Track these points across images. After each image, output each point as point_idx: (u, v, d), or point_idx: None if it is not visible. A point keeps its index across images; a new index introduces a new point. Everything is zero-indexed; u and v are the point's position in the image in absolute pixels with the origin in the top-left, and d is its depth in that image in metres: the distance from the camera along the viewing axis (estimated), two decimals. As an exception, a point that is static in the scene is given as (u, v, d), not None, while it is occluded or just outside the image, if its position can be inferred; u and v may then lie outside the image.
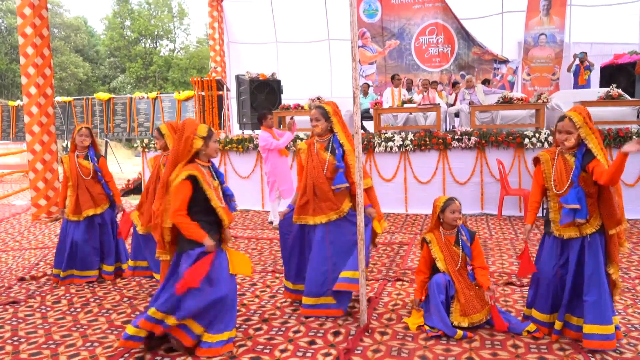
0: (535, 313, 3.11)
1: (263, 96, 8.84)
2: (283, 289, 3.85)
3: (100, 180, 4.42)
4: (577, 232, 2.90)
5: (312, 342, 3.08)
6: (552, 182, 2.95)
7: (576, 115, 2.87)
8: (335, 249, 3.44)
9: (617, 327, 2.87)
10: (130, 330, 2.86)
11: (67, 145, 15.56)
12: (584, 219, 2.83)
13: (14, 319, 3.60)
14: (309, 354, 2.92)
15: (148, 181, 4.01)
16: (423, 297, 3.34)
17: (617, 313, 2.95)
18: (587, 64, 9.85)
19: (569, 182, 2.88)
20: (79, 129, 4.38)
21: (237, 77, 9.45)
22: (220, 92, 9.38)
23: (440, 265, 3.26)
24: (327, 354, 2.91)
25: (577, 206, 2.80)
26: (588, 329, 2.80)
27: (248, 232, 6.45)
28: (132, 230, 4.09)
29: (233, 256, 3.07)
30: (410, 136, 7.24)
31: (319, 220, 3.45)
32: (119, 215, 4.43)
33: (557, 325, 2.97)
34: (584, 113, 2.88)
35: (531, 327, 3.08)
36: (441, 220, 3.35)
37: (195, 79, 9.25)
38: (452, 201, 3.31)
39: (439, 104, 8.05)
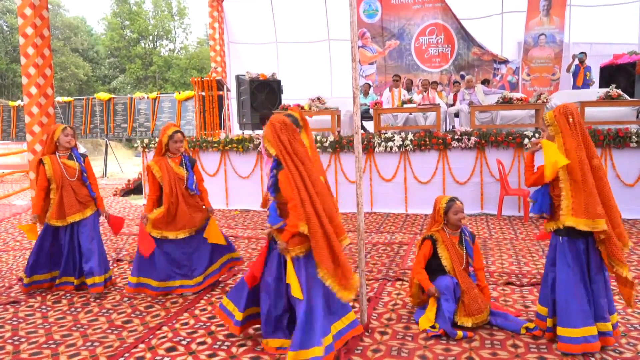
0: (537, 306, 3.14)
1: (263, 96, 8.84)
2: None
3: (86, 182, 4.13)
4: (550, 226, 2.95)
5: (312, 342, 3.08)
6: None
7: (548, 113, 2.88)
8: None
9: (611, 330, 2.87)
10: None
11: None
12: (537, 214, 2.93)
13: (14, 319, 3.61)
14: (309, 354, 2.92)
15: (167, 184, 3.89)
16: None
17: (608, 317, 2.89)
18: (588, 65, 9.84)
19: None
20: (64, 128, 4.06)
21: (237, 77, 9.46)
22: (221, 92, 9.39)
23: (446, 263, 3.26)
24: (327, 354, 2.92)
25: (532, 201, 2.99)
26: (558, 330, 2.84)
27: (248, 232, 6.45)
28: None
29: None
30: (410, 136, 7.25)
31: None
32: (101, 218, 4.25)
33: (549, 322, 2.98)
34: (560, 111, 2.82)
35: (530, 324, 3.09)
36: (446, 221, 3.36)
37: (195, 79, 9.25)
38: (453, 202, 3.31)
39: (438, 104, 8.06)
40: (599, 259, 2.84)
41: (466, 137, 7.01)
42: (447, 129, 8.76)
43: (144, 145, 8.61)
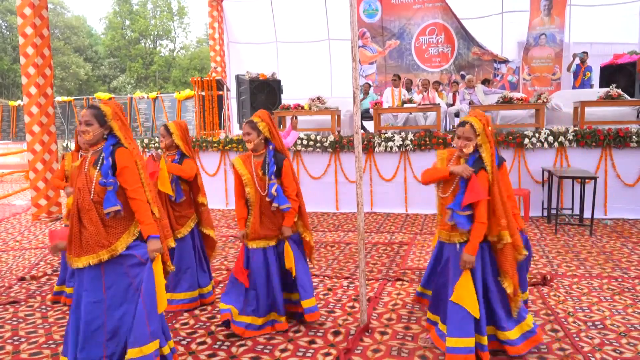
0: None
1: (263, 96, 8.83)
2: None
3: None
4: (447, 236, 2.86)
5: (312, 342, 3.09)
6: (439, 185, 2.91)
7: (477, 121, 2.78)
8: None
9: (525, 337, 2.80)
10: None
11: (67, 145, 15.53)
12: (467, 229, 2.74)
13: (14, 319, 3.61)
14: (309, 354, 2.93)
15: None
16: None
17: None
18: (589, 65, 9.82)
19: (453, 188, 2.80)
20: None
21: (237, 77, 9.45)
22: (220, 92, 9.38)
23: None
24: (327, 354, 2.92)
25: (468, 212, 2.72)
26: (449, 342, 2.68)
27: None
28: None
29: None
30: (410, 136, 7.24)
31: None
32: None
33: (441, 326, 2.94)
34: (484, 120, 2.80)
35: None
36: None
37: (195, 78, 9.24)
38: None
39: (439, 104, 8.06)
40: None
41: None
42: (447, 129, 8.75)
43: (144, 145, 8.60)
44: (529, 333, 2.81)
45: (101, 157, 2.53)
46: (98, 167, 2.51)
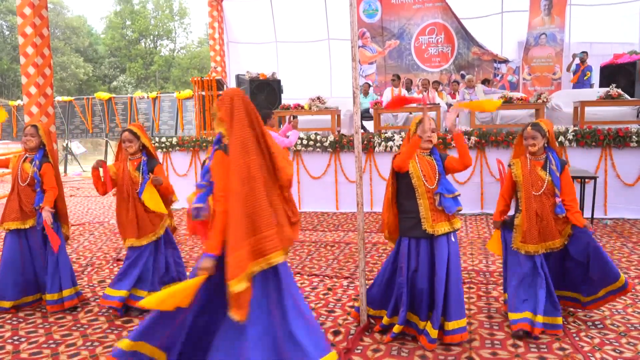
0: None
1: (263, 96, 8.83)
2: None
3: (36, 190, 3.67)
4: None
5: (312, 342, 3.08)
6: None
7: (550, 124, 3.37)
8: None
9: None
10: None
11: (67, 144, 15.53)
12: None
13: (14, 319, 3.61)
14: (308, 354, 2.92)
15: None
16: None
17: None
18: (589, 65, 9.81)
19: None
20: (25, 127, 3.71)
21: (237, 77, 9.45)
22: (220, 92, 9.38)
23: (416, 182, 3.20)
24: (327, 354, 2.91)
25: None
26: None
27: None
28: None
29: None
30: (410, 136, 7.23)
31: None
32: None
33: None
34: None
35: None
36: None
37: (195, 78, 9.24)
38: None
39: (438, 104, 8.06)
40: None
41: (466, 136, 7.01)
42: (447, 129, 8.74)
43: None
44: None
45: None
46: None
